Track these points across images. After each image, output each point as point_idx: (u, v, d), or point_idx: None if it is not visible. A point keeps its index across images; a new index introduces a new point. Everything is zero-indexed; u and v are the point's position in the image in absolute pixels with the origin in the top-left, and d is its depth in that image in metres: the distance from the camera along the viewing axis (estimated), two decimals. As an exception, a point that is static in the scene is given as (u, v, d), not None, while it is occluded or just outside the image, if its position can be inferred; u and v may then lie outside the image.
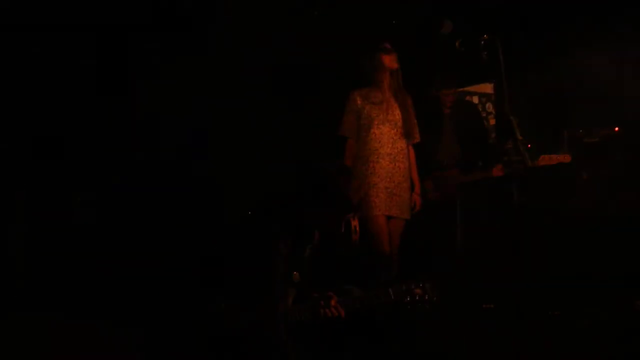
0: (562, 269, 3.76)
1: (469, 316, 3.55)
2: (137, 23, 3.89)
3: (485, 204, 4.30)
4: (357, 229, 3.14)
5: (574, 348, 2.73)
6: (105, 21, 3.86)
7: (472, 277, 3.93)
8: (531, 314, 3.22)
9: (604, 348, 2.71)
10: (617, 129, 4.41)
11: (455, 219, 4.32)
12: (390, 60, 3.24)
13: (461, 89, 4.66)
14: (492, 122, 5.36)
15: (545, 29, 4.54)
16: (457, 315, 3.55)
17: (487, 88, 5.38)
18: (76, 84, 3.97)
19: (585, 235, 3.91)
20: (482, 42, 2.92)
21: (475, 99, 5.35)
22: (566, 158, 3.81)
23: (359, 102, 3.24)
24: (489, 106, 5.42)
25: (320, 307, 2.10)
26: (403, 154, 3.27)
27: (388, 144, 3.20)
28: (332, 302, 2.10)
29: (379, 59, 3.25)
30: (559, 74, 4.63)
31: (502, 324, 3.25)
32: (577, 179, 4.26)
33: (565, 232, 3.98)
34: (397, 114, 3.25)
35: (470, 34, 3.00)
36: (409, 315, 2.21)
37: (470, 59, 3.07)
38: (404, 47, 3.41)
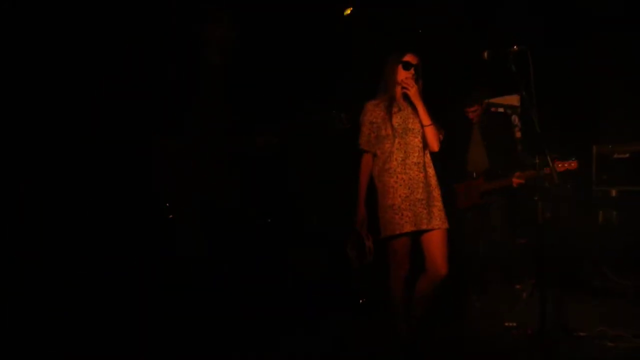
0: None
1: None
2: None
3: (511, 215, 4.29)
4: (372, 249, 3.02)
5: None
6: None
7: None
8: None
9: None
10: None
11: (482, 227, 4.28)
12: (404, 75, 3.11)
13: (487, 100, 4.58)
14: (518, 134, 5.25)
15: (575, 40, 4.45)
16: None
17: (514, 100, 5.27)
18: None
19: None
20: (511, 54, 2.83)
21: (501, 111, 5.25)
22: (572, 165, 3.70)
23: (375, 113, 3.14)
24: (515, 119, 5.31)
25: None
26: (428, 161, 3.18)
27: (414, 154, 3.10)
28: None
29: (395, 71, 3.14)
30: (588, 86, 4.54)
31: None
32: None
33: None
34: (416, 122, 3.15)
35: (498, 45, 2.90)
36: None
37: (498, 70, 2.98)
38: (429, 57, 3.30)
